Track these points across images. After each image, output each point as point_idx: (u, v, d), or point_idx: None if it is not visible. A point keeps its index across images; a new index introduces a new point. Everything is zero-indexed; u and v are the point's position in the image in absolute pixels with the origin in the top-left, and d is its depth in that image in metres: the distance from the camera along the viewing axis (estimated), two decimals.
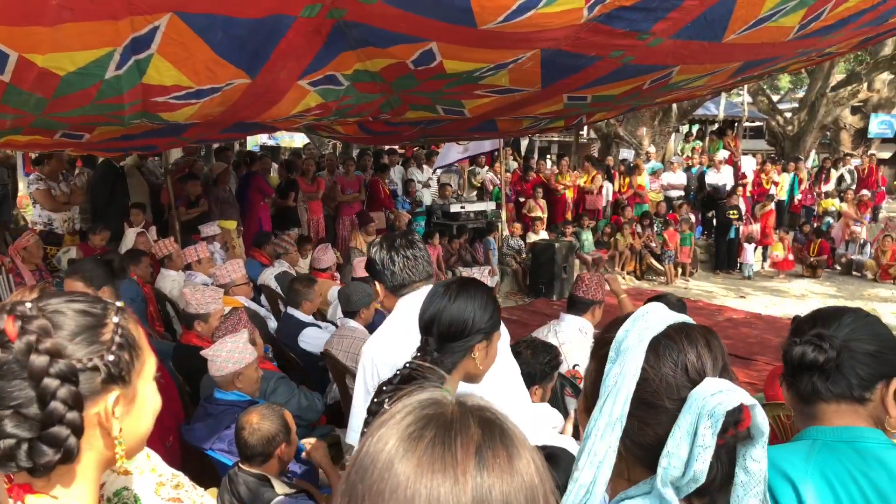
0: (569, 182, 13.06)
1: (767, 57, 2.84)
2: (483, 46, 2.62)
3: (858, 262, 13.65)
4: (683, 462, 0.99)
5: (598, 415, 1.04)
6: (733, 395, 1.01)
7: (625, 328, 1.10)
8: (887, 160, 23.42)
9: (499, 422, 0.77)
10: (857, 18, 2.56)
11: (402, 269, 2.57)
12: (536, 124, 4.29)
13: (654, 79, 2.96)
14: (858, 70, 18.45)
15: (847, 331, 1.47)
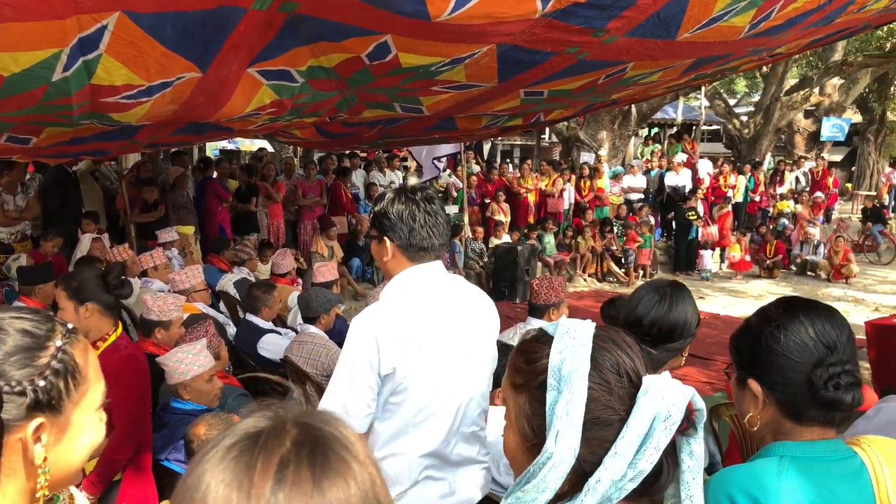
0: (531, 185, 13.13)
1: (720, 54, 2.88)
2: (438, 40, 2.60)
3: (813, 262, 13.98)
4: (627, 462, 0.99)
5: (553, 447, 1.00)
6: (680, 394, 1.02)
7: (557, 353, 1.05)
8: (839, 163, 24.08)
9: (322, 442, 0.74)
10: (805, 18, 2.60)
11: (424, 227, 2.26)
12: (495, 122, 4.28)
13: (609, 73, 2.97)
14: (811, 75, 18.93)
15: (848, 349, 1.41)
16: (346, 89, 3.40)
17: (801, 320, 1.42)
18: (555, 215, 13.30)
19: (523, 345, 1.14)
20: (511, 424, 1.13)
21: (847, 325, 1.44)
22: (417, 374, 2.20)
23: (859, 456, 1.36)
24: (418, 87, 3.24)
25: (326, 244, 10.09)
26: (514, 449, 1.12)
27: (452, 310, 2.31)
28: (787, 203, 15.78)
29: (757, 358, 1.46)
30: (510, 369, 1.14)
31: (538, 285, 4.04)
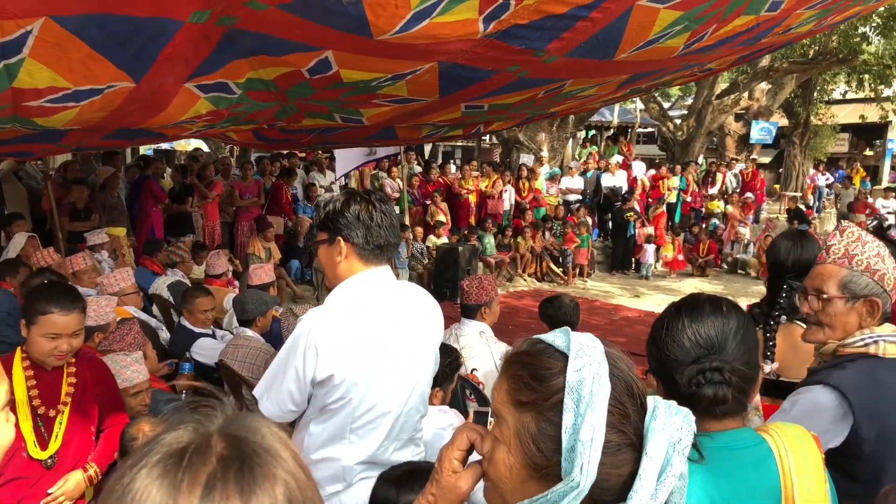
0: (472, 186, 13.20)
1: (654, 69, 2.95)
2: (380, 57, 2.58)
3: (743, 260, 14.49)
4: (650, 494, 0.97)
5: (579, 476, 0.95)
6: (684, 416, 1.02)
7: (575, 371, 0.99)
8: (767, 165, 24.99)
9: (248, 455, 0.74)
10: (735, 39, 2.69)
11: (381, 226, 2.25)
12: (436, 132, 4.28)
13: (548, 89, 3.01)
14: (740, 80, 19.56)
15: (733, 349, 1.46)
16: (285, 100, 3.35)
17: (683, 321, 1.48)
18: (495, 216, 13.40)
19: (525, 357, 1.06)
20: (508, 443, 1.05)
21: (738, 323, 1.47)
22: (359, 381, 2.21)
23: (767, 442, 1.42)
24: (359, 100, 3.21)
25: (263, 245, 9.93)
26: (508, 469, 1.05)
27: (399, 318, 2.31)
28: (718, 203, 16.29)
29: (652, 356, 1.53)
30: (511, 383, 1.06)
31: (468, 286, 4.03)
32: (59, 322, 2.60)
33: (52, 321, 2.59)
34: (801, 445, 1.41)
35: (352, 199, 2.28)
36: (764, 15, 2.50)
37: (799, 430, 1.46)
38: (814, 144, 25.73)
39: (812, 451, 1.41)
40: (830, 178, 22.82)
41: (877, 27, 19.02)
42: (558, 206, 14.06)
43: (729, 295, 12.42)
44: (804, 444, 1.42)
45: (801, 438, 1.43)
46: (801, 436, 1.44)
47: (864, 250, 1.95)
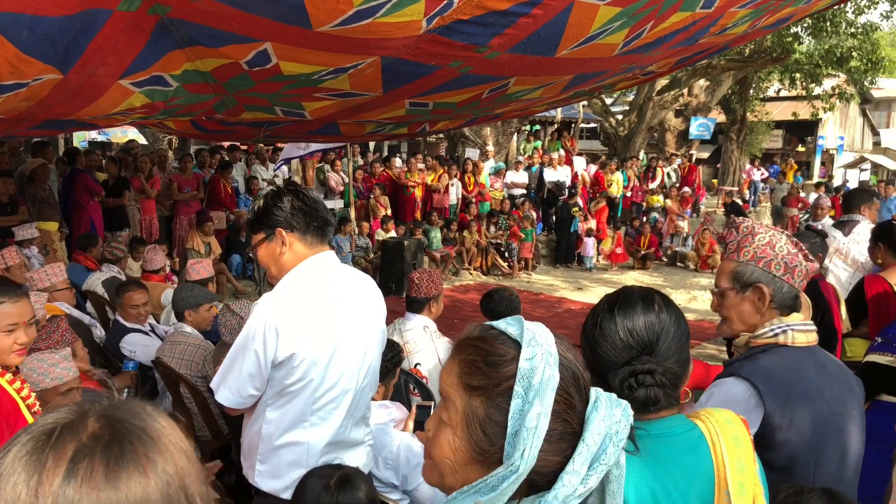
0: (417, 180, 13.17)
1: (597, 71, 2.98)
2: (320, 50, 2.54)
3: (682, 253, 14.85)
4: (580, 479, 0.99)
5: (520, 461, 0.97)
6: (623, 408, 1.04)
7: (527, 360, 1.00)
8: (706, 160, 25.66)
9: (123, 435, 0.74)
10: (673, 37, 2.74)
11: (316, 210, 2.35)
12: (380, 129, 4.24)
13: (492, 88, 3.01)
14: (680, 76, 20.00)
15: (665, 347, 1.48)
16: (223, 93, 3.27)
17: (615, 319, 1.49)
18: (441, 210, 13.41)
19: (479, 342, 1.06)
20: (455, 425, 1.05)
21: (670, 320, 1.49)
22: (318, 360, 2.28)
23: (699, 428, 1.46)
24: (300, 93, 3.15)
25: (203, 240, 9.71)
26: (453, 450, 1.05)
27: (349, 298, 2.40)
28: (658, 198, 16.65)
29: (585, 352, 1.54)
30: (462, 367, 1.06)
31: (419, 278, 3.99)
32: (12, 312, 2.42)
33: (4, 312, 2.40)
34: (732, 429, 1.46)
35: (279, 193, 2.36)
36: (699, 12, 2.55)
37: (729, 414, 1.51)
38: (750, 140, 26.56)
39: (742, 435, 1.46)
40: (765, 173, 23.60)
41: (807, 28, 19.69)
42: (503, 201, 14.15)
43: (668, 287, 12.81)
44: (734, 428, 1.46)
45: (731, 423, 1.47)
46: (731, 420, 1.48)
47: (753, 241, 1.99)
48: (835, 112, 27.69)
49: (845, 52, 21.00)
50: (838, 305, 3.96)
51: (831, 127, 32.20)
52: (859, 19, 19.97)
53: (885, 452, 2.63)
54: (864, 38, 20.74)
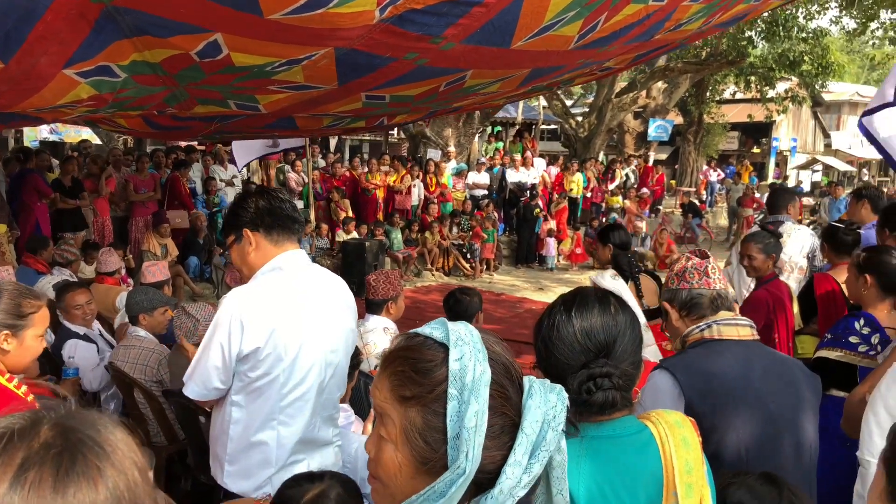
0: (379, 181, 13.10)
1: (553, 65, 2.98)
2: (272, 41, 2.49)
3: (640, 253, 15.01)
4: (523, 469, 0.98)
5: (465, 463, 0.95)
6: (558, 393, 1.03)
7: (456, 360, 0.99)
8: (664, 161, 26.05)
9: (75, 445, 0.72)
10: (628, 32, 2.76)
11: (283, 210, 2.41)
12: (338, 123, 4.19)
13: (449, 81, 2.99)
14: (638, 78, 20.30)
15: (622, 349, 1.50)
16: (174, 85, 3.19)
17: (573, 321, 1.49)
18: (403, 211, 13.37)
19: (406, 352, 1.04)
20: (395, 440, 1.02)
21: (625, 322, 1.51)
22: (284, 356, 2.32)
23: (649, 429, 1.49)
24: (253, 85, 3.09)
25: (159, 242, 9.51)
26: (398, 467, 1.03)
27: (316, 296, 2.44)
28: (617, 198, 16.84)
29: (540, 354, 1.54)
30: (393, 379, 1.04)
31: (375, 280, 3.99)
32: (47, 314, 2.34)
33: (44, 315, 2.31)
34: (681, 431, 1.49)
35: (246, 195, 2.44)
36: (652, 5, 2.57)
37: (678, 416, 1.54)
38: (706, 142, 27.05)
39: (691, 437, 1.49)
40: (721, 174, 24.03)
41: (761, 32, 20.16)
42: (465, 201, 14.17)
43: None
44: (683, 431, 1.49)
45: (680, 425, 1.50)
46: (680, 422, 1.51)
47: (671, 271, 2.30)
48: (788, 115, 28.39)
49: (797, 57, 21.57)
50: (791, 303, 4.04)
51: (785, 129, 32.98)
52: (810, 24, 20.52)
53: (836, 446, 2.69)
54: (815, 43, 21.34)
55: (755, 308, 3.97)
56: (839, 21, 20.26)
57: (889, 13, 15.79)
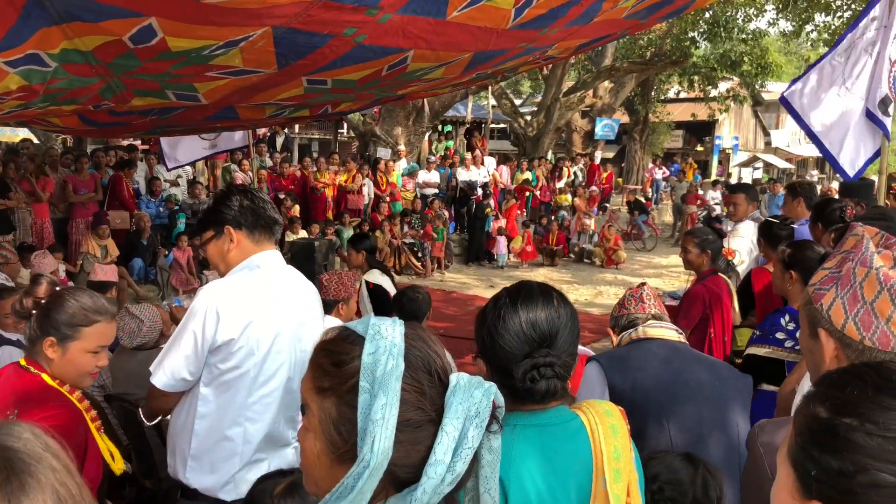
0: (328, 180, 12.98)
1: (495, 48, 2.97)
2: (207, 24, 2.43)
3: (588, 250, 15.24)
4: (446, 467, 0.98)
5: (369, 455, 0.96)
6: (484, 389, 1.03)
7: (370, 354, 1.00)
8: (611, 159, 26.47)
9: (13, 465, 0.72)
10: (566, 11, 2.75)
11: (264, 207, 2.48)
12: (280, 112, 4.12)
13: (391, 64, 2.96)
14: (585, 78, 20.58)
15: (563, 340, 1.56)
16: (109, 75, 3.08)
17: (518, 312, 1.54)
18: (356, 211, 13.28)
19: (328, 345, 1.07)
20: (314, 430, 1.06)
21: (567, 315, 1.57)
22: (256, 350, 2.35)
23: (580, 418, 1.55)
24: (191, 72, 3.01)
25: (98, 244, 9.24)
26: (316, 456, 1.06)
27: (288, 296, 2.49)
28: (566, 196, 17.04)
29: (484, 344, 1.58)
30: (314, 371, 1.07)
31: (328, 281, 3.97)
32: (106, 333, 2.23)
33: (100, 332, 2.20)
34: (610, 420, 1.56)
35: (230, 192, 2.50)
36: None
37: (608, 406, 1.61)
38: (652, 140, 27.59)
39: (620, 425, 1.56)
40: (667, 172, 24.52)
41: (704, 33, 20.65)
42: (415, 200, 14.15)
43: (576, 282, 13.08)
44: (612, 419, 1.56)
45: (609, 414, 1.57)
46: (609, 412, 1.58)
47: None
48: (730, 114, 29.15)
49: (738, 57, 22.16)
50: (731, 300, 4.13)
51: (727, 128, 33.87)
52: (749, 26, 21.11)
53: None
54: (755, 44, 21.96)
55: (692, 302, 4.05)
56: (776, 23, 20.91)
57: (823, 16, 16.34)
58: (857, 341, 1.33)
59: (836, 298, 1.36)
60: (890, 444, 0.77)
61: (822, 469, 0.82)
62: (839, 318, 1.35)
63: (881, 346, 1.31)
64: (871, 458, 0.78)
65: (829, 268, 1.43)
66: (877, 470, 0.77)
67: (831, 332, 1.36)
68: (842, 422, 0.81)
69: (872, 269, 1.33)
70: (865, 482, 0.78)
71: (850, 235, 1.43)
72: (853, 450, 0.79)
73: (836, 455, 0.80)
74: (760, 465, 1.40)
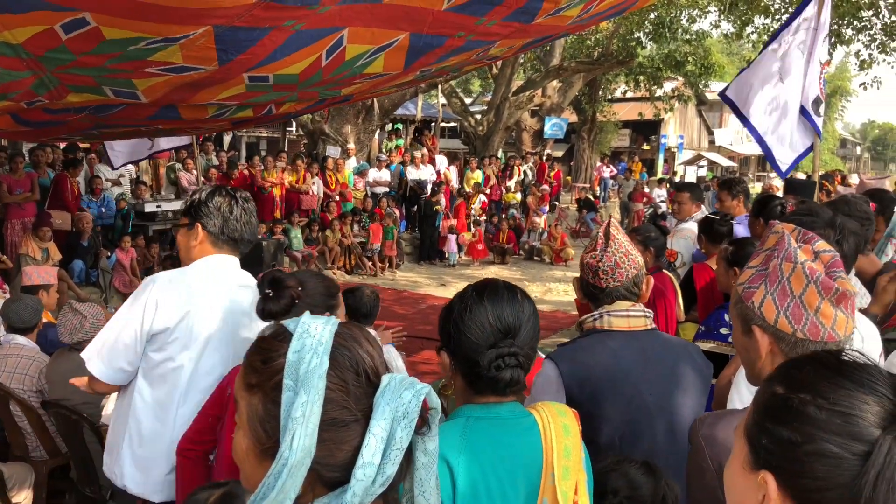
0: (275, 179, 12.80)
1: (431, 32, 2.93)
2: (145, 20, 2.37)
3: (538, 248, 15.40)
4: (376, 469, 0.97)
5: (288, 452, 0.95)
6: (415, 390, 1.02)
7: (295, 351, 1.00)
8: (561, 158, 26.77)
9: None
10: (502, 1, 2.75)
11: (238, 220, 2.49)
12: (223, 113, 4.03)
13: (328, 47, 2.90)
14: (534, 77, 20.76)
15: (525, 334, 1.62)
16: (41, 70, 2.98)
17: (484, 305, 1.61)
18: (307, 210, 13.14)
19: (261, 342, 1.08)
20: (242, 426, 1.06)
21: (530, 310, 1.65)
22: (189, 344, 2.35)
23: (533, 416, 1.61)
24: (129, 68, 2.93)
25: (39, 245, 8.94)
26: (244, 452, 1.06)
27: (232, 300, 2.46)
28: (516, 195, 17.17)
29: (450, 336, 1.64)
30: (245, 368, 1.08)
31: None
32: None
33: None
34: (562, 419, 1.61)
35: (217, 192, 2.52)
36: None
37: (562, 406, 1.67)
38: (600, 139, 28.00)
39: (572, 424, 1.62)
40: (614, 171, 24.92)
41: (649, 33, 21.03)
42: (366, 199, 14.07)
43: (526, 280, 13.21)
44: (565, 419, 1.62)
45: (562, 414, 1.63)
46: (563, 412, 1.64)
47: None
48: (675, 113, 29.78)
49: (682, 57, 22.64)
50: (675, 296, 4.20)
51: (672, 127, 34.61)
52: (693, 27, 21.59)
53: None
54: (698, 45, 22.47)
55: None
56: (718, 25, 21.45)
57: (762, 19, 16.80)
58: (789, 334, 1.37)
59: (767, 295, 1.40)
60: (837, 417, 0.81)
61: (772, 439, 0.86)
62: (771, 313, 1.39)
63: (812, 337, 1.36)
64: (818, 429, 0.82)
65: (755, 266, 1.46)
66: (823, 441, 0.81)
67: (765, 327, 1.40)
68: (797, 396, 0.86)
69: (798, 263, 1.37)
70: (811, 451, 0.82)
71: (770, 233, 1.47)
72: (803, 421, 0.83)
73: (787, 426, 0.85)
74: (702, 458, 1.43)
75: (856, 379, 0.83)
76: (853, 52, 16.94)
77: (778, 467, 0.85)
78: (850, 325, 1.38)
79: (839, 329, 1.36)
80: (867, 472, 0.77)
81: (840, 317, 1.36)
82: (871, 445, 0.78)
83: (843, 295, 1.35)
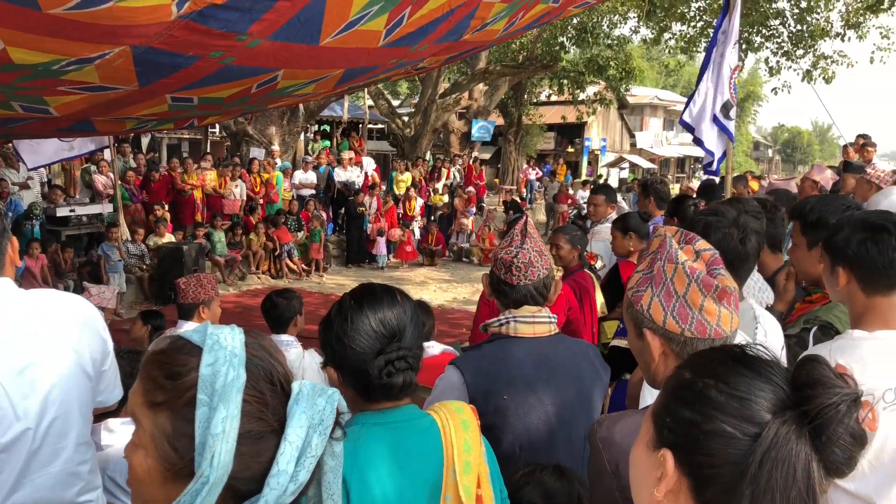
0: (195, 181, 12.45)
1: (366, 65, 2.96)
2: (55, 37, 2.27)
3: (467, 249, 15.51)
4: (289, 477, 0.96)
5: (209, 470, 0.92)
6: (328, 396, 1.02)
7: (209, 365, 0.96)
8: (488, 160, 27.04)
9: None
10: (435, 28, 2.78)
11: None
12: (143, 125, 3.91)
13: (261, 82, 2.87)
14: (461, 80, 20.88)
15: (410, 334, 1.60)
16: None
17: (365, 312, 1.57)
18: (230, 214, 12.82)
19: (160, 356, 1.01)
20: (145, 447, 1.00)
21: (412, 310, 1.62)
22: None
23: (431, 416, 1.61)
24: (40, 85, 2.80)
25: None
26: (146, 473, 1.00)
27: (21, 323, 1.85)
28: (443, 197, 17.25)
29: (334, 350, 1.57)
30: (145, 383, 1.01)
31: (185, 284, 3.77)
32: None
33: None
34: (461, 416, 1.62)
35: None
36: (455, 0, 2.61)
37: (459, 403, 1.69)
38: (526, 142, 28.41)
39: (470, 420, 1.63)
40: (540, 173, 25.32)
41: (572, 38, 21.46)
42: (291, 201, 13.85)
43: (455, 281, 13.26)
44: (463, 415, 1.63)
45: (460, 410, 1.64)
46: (460, 408, 1.65)
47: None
48: (598, 116, 30.48)
49: (604, 62, 23.20)
50: (594, 293, 4.31)
51: (595, 130, 35.41)
52: (614, 32, 22.16)
53: None
54: (619, 50, 23.07)
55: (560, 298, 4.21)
56: (638, 31, 22.03)
57: (679, 26, 17.38)
58: (678, 334, 1.41)
59: (654, 297, 1.43)
60: (734, 401, 0.88)
61: (675, 419, 0.92)
62: (659, 315, 1.42)
63: (699, 335, 1.40)
64: (717, 410, 0.88)
65: (641, 270, 1.50)
66: (720, 421, 0.87)
67: (655, 329, 1.43)
68: (701, 380, 0.92)
69: (679, 264, 1.41)
70: (708, 430, 0.88)
71: (654, 237, 1.52)
72: (703, 402, 0.90)
73: (690, 406, 0.91)
74: (600, 460, 1.46)
75: (755, 368, 0.91)
76: (762, 59, 17.73)
77: (677, 445, 0.92)
78: (735, 320, 1.42)
79: (724, 325, 1.40)
80: (755, 451, 0.84)
81: (724, 313, 1.40)
82: (761, 428, 0.85)
83: (724, 291, 1.39)
